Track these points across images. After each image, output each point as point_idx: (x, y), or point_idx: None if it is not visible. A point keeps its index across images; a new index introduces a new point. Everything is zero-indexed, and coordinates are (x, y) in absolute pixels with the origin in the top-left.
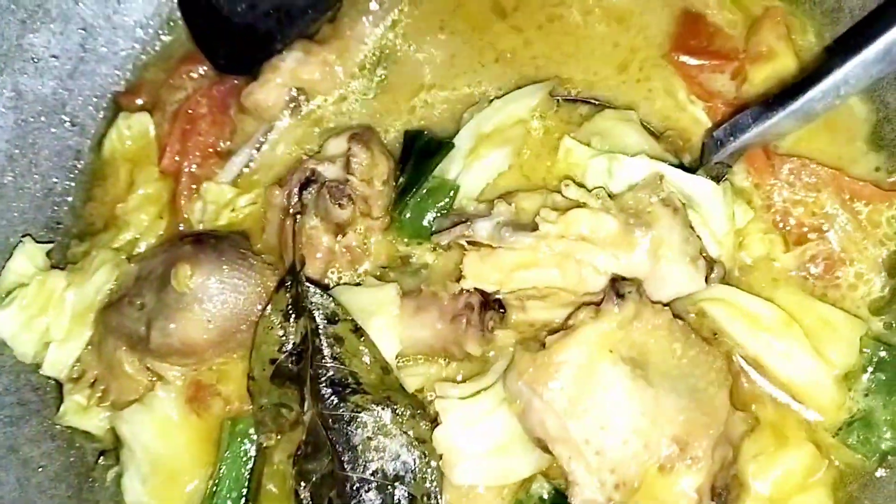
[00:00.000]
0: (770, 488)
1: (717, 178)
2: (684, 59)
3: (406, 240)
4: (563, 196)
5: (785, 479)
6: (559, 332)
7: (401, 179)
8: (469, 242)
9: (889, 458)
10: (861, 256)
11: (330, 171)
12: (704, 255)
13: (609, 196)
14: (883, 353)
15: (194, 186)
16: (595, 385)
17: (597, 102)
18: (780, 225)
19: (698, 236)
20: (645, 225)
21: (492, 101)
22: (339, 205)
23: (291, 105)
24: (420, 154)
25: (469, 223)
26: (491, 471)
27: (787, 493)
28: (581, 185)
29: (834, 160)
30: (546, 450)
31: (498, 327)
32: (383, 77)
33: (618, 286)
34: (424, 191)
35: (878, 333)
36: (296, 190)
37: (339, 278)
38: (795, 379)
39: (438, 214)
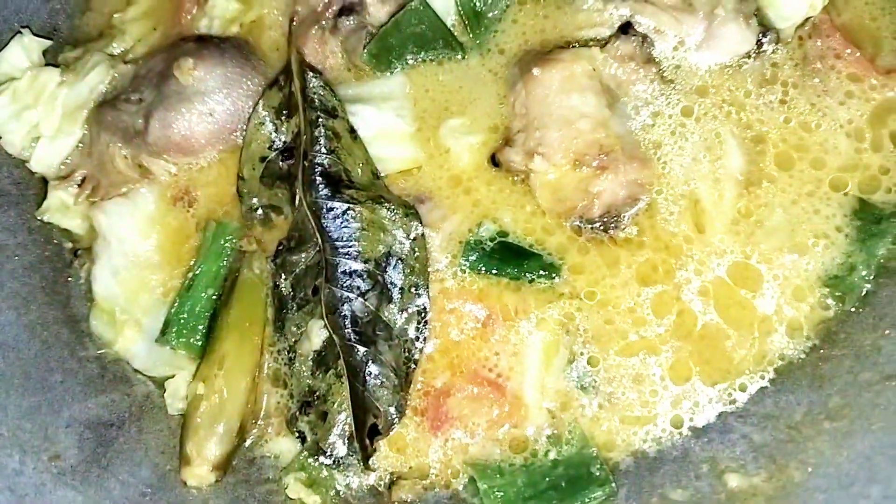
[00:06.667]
0: None
1: None
2: None
3: None
4: None
5: None
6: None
7: None
8: None
9: None
10: None
11: (375, 6)
12: (759, 18)
13: None
14: None
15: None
16: (567, 87)
17: None
18: None
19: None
20: None
21: None
22: (363, 46)
23: None
24: None
25: None
26: None
27: None
28: None
29: None
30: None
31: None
32: None
33: (627, 28)
34: None
35: None
36: (336, 7)
37: None
38: None
39: None
